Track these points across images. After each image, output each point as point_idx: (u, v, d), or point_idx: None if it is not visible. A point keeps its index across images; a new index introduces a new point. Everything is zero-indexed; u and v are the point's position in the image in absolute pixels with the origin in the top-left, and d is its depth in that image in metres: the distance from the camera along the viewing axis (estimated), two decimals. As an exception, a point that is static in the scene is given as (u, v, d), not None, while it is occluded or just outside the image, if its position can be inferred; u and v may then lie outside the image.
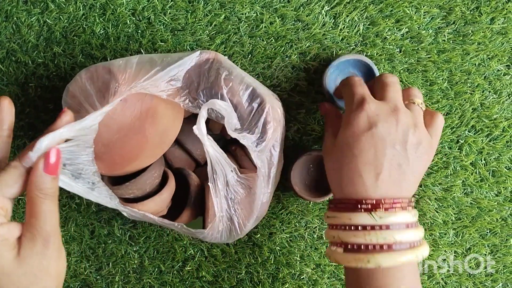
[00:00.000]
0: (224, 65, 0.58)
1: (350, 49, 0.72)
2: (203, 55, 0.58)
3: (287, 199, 0.75)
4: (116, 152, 0.55)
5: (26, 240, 0.45)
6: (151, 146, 0.56)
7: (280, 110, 0.62)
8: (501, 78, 0.74)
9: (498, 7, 0.72)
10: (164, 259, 0.75)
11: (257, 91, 0.58)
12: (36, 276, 0.45)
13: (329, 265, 0.75)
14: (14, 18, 0.71)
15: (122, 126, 0.54)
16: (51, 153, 0.46)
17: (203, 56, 0.58)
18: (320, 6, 0.71)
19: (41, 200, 0.45)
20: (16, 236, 0.46)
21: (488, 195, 0.75)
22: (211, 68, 0.57)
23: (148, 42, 0.71)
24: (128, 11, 0.71)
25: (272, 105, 0.59)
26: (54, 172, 0.46)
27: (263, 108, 0.58)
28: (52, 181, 0.46)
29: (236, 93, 0.57)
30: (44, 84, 0.72)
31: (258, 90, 0.58)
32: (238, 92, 0.57)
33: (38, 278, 0.45)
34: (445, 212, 0.75)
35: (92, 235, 0.75)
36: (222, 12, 0.71)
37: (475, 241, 0.76)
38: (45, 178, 0.46)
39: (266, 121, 0.58)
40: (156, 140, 0.55)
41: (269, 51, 0.72)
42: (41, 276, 0.45)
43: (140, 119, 0.54)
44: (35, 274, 0.45)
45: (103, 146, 0.54)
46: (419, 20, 0.72)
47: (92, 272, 0.75)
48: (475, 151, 0.74)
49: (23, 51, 0.72)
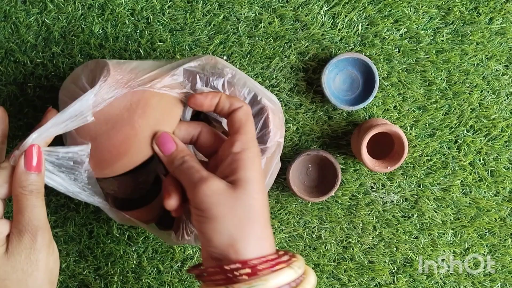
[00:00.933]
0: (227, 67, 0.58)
1: (349, 49, 0.72)
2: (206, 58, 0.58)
3: (286, 199, 0.75)
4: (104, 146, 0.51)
5: (13, 236, 0.46)
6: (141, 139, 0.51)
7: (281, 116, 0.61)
8: (500, 78, 0.74)
9: (496, 7, 0.72)
10: (163, 259, 0.75)
11: (258, 97, 0.58)
12: (25, 271, 0.45)
13: (328, 265, 0.75)
14: (13, 18, 0.71)
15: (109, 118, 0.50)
16: (31, 150, 0.47)
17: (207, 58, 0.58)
18: (319, 6, 0.72)
19: (25, 197, 0.46)
20: (5, 233, 0.46)
21: (486, 195, 0.75)
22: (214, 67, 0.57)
23: (147, 42, 0.71)
24: (126, 11, 0.71)
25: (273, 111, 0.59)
26: (36, 168, 0.47)
27: (263, 113, 0.58)
28: (35, 177, 0.47)
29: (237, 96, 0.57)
30: (43, 84, 0.72)
31: (260, 96, 0.58)
32: (239, 96, 0.57)
33: (27, 273, 0.45)
34: (443, 212, 0.75)
35: (90, 235, 0.75)
36: (221, 12, 0.71)
37: (473, 241, 0.76)
38: (27, 175, 0.46)
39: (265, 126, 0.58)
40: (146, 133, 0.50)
41: (268, 51, 0.72)
42: (30, 271, 0.46)
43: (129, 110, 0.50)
44: (24, 269, 0.45)
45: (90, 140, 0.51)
46: (418, 20, 0.72)
47: (91, 272, 0.75)
48: (474, 151, 0.74)
49: (22, 51, 0.72)
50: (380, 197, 0.75)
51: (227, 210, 0.45)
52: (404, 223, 0.75)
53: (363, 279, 0.76)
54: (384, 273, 0.76)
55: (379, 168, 0.69)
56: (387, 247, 0.75)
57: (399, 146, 0.69)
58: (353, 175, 0.75)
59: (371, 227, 0.75)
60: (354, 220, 0.75)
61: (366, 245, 0.75)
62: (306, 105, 0.73)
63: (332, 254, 0.76)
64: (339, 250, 0.75)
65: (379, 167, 0.69)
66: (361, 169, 0.75)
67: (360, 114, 0.74)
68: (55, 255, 0.48)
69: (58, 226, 0.74)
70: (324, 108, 0.74)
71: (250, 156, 0.47)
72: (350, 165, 0.75)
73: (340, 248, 0.76)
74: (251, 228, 0.45)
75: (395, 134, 0.68)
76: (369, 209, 0.75)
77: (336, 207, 0.75)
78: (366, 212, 0.75)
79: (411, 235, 0.75)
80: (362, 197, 0.75)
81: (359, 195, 0.75)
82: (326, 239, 0.75)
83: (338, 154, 0.74)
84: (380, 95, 0.73)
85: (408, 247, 0.75)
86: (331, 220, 0.75)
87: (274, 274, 0.44)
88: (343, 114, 0.74)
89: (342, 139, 0.74)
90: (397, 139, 0.69)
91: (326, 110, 0.74)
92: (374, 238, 0.75)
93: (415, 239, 0.75)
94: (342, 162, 0.74)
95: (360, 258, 0.76)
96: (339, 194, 0.75)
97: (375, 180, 0.75)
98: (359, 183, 0.75)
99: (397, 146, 0.70)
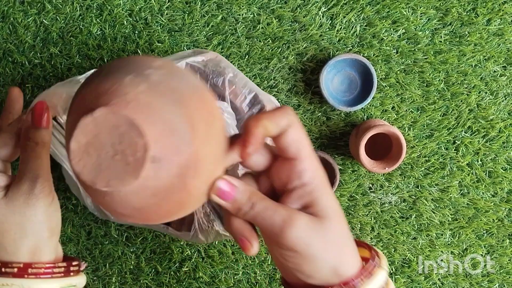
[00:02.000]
0: (230, 66, 0.58)
1: (347, 50, 0.72)
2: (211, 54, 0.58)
3: (284, 200, 0.75)
4: (152, 213, 0.43)
5: (14, 183, 0.47)
6: (196, 197, 0.44)
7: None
8: (498, 79, 0.74)
9: (494, 8, 0.73)
10: (161, 260, 0.75)
11: (259, 97, 0.58)
12: (23, 215, 0.46)
13: (326, 266, 0.75)
14: (11, 19, 0.71)
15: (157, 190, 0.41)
16: (37, 105, 0.48)
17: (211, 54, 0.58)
18: (317, 7, 0.72)
19: (30, 147, 0.47)
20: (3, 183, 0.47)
21: (484, 195, 0.75)
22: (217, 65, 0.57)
23: (145, 43, 0.71)
24: (125, 12, 0.71)
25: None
26: (44, 124, 0.48)
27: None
28: (42, 131, 0.48)
29: (238, 96, 0.57)
30: (41, 84, 0.72)
31: (260, 97, 0.58)
32: (240, 95, 0.57)
33: (25, 217, 0.46)
34: (441, 213, 0.75)
35: (88, 236, 0.75)
36: (219, 13, 0.71)
37: (471, 241, 0.76)
38: (36, 130, 0.48)
39: None
40: (202, 189, 0.43)
41: (266, 52, 0.72)
42: (29, 215, 0.46)
43: (179, 176, 0.41)
44: (22, 212, 0.46)
45: (134, 210, 0.42)
46: (416, 21, 0.72)
47: (89, 273, 0.75)
48: (472, 152, 0.75)
49: (20, 51, 0.72)
50: (378, 198, 0.75)
51: (323, 245, 0.43)
52: (402, 224, 0.75)
53: (361, 280, 0.76)
54: (382, 274, 0.76)
55: (377, 169, 0.69)
56: (385, 248, 0.75)
57: (397, 147, 0.69)
58: (351, 176, 0.75)
59: (369, 227, 0.75)
60: (353, 220, 0.75)
61: (364, 246, 0.76)
62: (305, 106, 0.73)
63: (330, 255, 0.76)
64: (337, 251, 0.76)
65: (377, 168, 0.69)
66: (359, 170, 0.75)
67: (358, 115, 0.74)
68: (56, 205, 0.48)
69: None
70: (322, 109, 0.74)
71: (322, 181, 0.44)
72: (348, 166, 0.75)
73: (338, 249, 0.76)
74: (347, 251, 0.45)
75: (393, 135, 0.69)
76: (367, 209, 0.75)
77: (334, 208, 0.75)
78: (364, 212, 0.75)
79: (409, 236, 0.75)
80: (360, 198, 0.75)
81: (357, 196, 0.75)
82: None
83: (336, 155, 0.74)
84: (378, 96, 0.73)
85: (406, 248, 0.75)
86: (329, 221, 0.75)
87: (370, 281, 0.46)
88: (341, 115, 0.74)
89: (340, 140, 0.74)
90: (395, 140, 0.69)
91: (324, 111, 0.74)
92: (372, 239, 0.75)
93: (413, 240, 0.75)
94: (340, 163, 0.74)
95: (358, 259, 0.76)
96: (337, 194, 0.75)
97: (373, 181, 0.75)
98: (357, 184, 0.75)
99: (395, 147, 0.70)
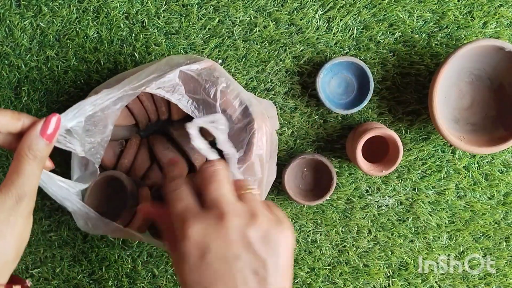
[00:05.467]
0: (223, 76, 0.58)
1: (343, 53, 0.72)
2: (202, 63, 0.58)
3: (281, 203, 0.75)
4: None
5: (1, 194, 0.46)
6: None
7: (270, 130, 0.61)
8: (494, 82, 0.74)
9: (490, 12, 0.73)
10: (158, 263, 0.75)
11: (249, 109, 0.58)
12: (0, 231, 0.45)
13: (323, 269, 0.75)
14: (7, 21, 0.71)
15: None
16: (51, 118, 0.48)
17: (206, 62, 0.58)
18: (314, 10, 0.72)
19: (28, 161, 0.46)
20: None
21: (481, 198, 0.75)
22: (210, 75, 0.57)
23: (142, 46, 0.71)
24: (121, 15, 0.71)
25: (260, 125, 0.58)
26: (48, 137, 0.47)
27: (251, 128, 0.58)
28: (44, 145, 0.47)
29: (229, 107, 0.57)
30: (37, 87, 0.72)
31: (250, 109, 0.58)
32: (231, 107, 0.57)
33: (1, 233, 0.45)
34: (438, 216, 0.75)
35: (85, 239, 0.74)
36: (216, 16, 0.71)
37: (468, 244, 0.76)
38: (38, 139, 0.47)
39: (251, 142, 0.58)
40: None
41: (263, 55, 0.72)
42: (6, 232, 0.45)
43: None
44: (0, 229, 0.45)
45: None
46: (412, 24, 0.72)
47: (85, 276, 0.75)
48: (468, 155, 0.75)
49: (16, 54, 0.71)
50: (375, 201, 0.75)
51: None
52: (399, 227, 0.75)
53: (358, 282, 0.76)
54: (380, 277, 0.75)
55: (374, 172, 0.69)
56: (382, 251, 0.75)
57: (394, 149, 0.69)
58: (348, 179, 0.75)
59: (366, 230, 0.75)
60: (349, 223, 0.75)
61: (362, 248, 0.75)
62: (301, 109, 0.73)
63: (328, 258, 0.75)
64: (334, 253, 0.75)
65: (374, 171, 0.69)
66: (356, 173, 0.75)
67: (355, 117, 0.74)
68: (29, 229, 0.48)
69: (52, 230, 0.74)
70: (319, 112, 0.74)
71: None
72: (345, 168, 0.75)
73: (336, 252, 0.75)
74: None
75: (390, 138, 0.69)
76: (364, 212, 0.75)
77: (331, 211, 0.75)
78: (361, 215, 0.75)
79: (406, 239, 0.75)
80: (357, 201, 0.75)
81: (354, 199, 0.75)
82: (321, 242, 0.75)
83: (333, 158, 0.74)
84: (375, 98, 0.73)
85: (403, 250, 0.75)
86: (326, 223, 0.75)
87: None
88: (338, 117, 0.74)
89: (337, 143, 0.74)
90: (392, 143, 0.69)
91: (321, 114, 0.74)
92: (369, 242, 0.75)
93: (410, 243, 0.75)
94: (337, 166, 0.74)
95: (355, 261, 0.75)
96: (334, 197, 0.75)
97: (370, 183, 0.75)
98: (354, 186, 0.75)
99: (392, 150, 0.70)
